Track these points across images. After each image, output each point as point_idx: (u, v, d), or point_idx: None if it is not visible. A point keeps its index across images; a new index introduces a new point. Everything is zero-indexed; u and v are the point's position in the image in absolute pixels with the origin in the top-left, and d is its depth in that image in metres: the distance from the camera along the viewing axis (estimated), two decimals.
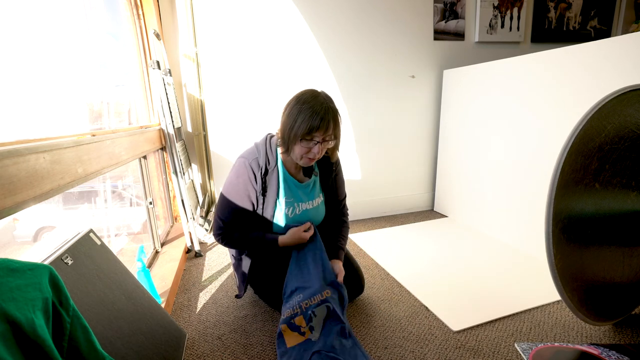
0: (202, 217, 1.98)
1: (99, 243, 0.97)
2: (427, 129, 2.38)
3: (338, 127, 1.10)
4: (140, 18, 1.76)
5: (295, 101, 1.08)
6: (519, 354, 1.04)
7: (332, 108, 1.07)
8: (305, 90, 1.11)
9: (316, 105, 1.04)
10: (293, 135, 1.06)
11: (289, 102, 1.10)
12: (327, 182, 1.30)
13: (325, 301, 1.13)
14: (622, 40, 1.27)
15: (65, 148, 0.86)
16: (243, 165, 1.16)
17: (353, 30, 2.08)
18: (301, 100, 1.06)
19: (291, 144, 1.08)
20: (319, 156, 1.11)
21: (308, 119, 1.03)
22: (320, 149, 1.09)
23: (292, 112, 1.06)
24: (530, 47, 2.49)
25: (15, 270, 0.51)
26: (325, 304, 1.12)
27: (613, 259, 1.03)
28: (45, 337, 0.48)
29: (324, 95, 1.09)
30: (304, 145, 1.07)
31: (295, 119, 1.05)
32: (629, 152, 0.97)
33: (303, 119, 1.03)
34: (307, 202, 1.25)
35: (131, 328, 0.89)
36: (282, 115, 1.11)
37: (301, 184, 1.23)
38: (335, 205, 1.36)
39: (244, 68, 1.95)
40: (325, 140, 1.08)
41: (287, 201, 1.21)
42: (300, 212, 1.24)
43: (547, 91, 1.56)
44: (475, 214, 2.08)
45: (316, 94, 1.08)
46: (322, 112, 1.04)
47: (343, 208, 1.39)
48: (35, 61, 1.09)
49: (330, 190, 1.32)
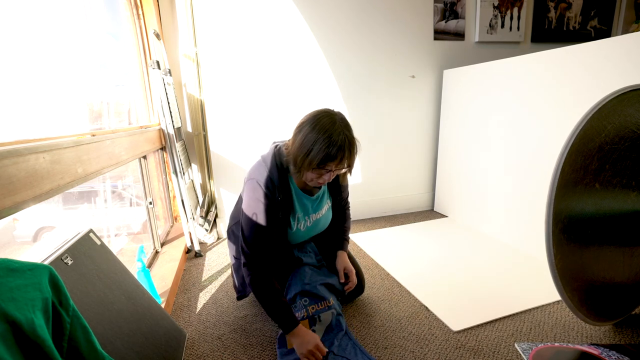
0: (202, 217, 1.98)
1: (99, 243, 0.97)
2: (427, 129, 2.38)
3: (354, 157, 1.05)
4: (140, 18, 1.76)
5: (310, 127, 1.00)
6: (519, 354, 1.04)
7: (349, 138, 1.01)
8: (321, 112, 1.03)
9: (334, 135, 0.97)
10: (307, 162, 1.00)
11: (304, 124, 1.02)
12: (335, 186, 1.28)
13: (332, 308, 1.14)
14: (622, 40, 1.27)
15: (65, 148, 0.86)
16: (256, 186, 1.10)
17: (353, 30, 2.08)
18: (317, 127, 0.99)
19: (304, 169, 1.03)
20: (329, 181, 1.08)
21: (324, 149, 0.97)
22: (332, 176, 1.06)
23: (308, 139, 0.98)
24: (530, 47, 2.49)
25: (15, 270, 0.51)
26: (331, 311, 1.13)
27: (613, 259, 1.03)
28: (45, 337, 0.48)
29: (340, 122, 1.01)
30: (316, 172, 1.03)
31: (310, 147, 0.98)
32: (629, 152, 0.97)
33: (319, 149, 0.97)
34: (317, 212, 1.24)
35: (131, 328, 0.89)
36: (294, 136, 1.04)
37: (311, 197, 1.20)
38: (339, 202, 1.36)
39: (244, 68, 1.95)
40: (338, 169, 1.05)
41: (300, 215, 1.19)
42: (312, 223, 1.23)
43: (547, 91, 1.56)
44: (475, 214, 2.08)
45: (334, 120, 1.00)
46: (339, 143, 0.98)
47: (345, 202, 1.39)
48: (35, 61, 1.09)
49: (336, 194, 1.31)
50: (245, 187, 1.12)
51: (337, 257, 1.29)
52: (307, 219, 1.21)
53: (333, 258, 1.31)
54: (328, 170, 1.02)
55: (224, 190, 2.08)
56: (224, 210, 2.10)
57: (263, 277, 1.08)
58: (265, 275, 1.08)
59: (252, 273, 1.08)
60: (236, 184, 2.08)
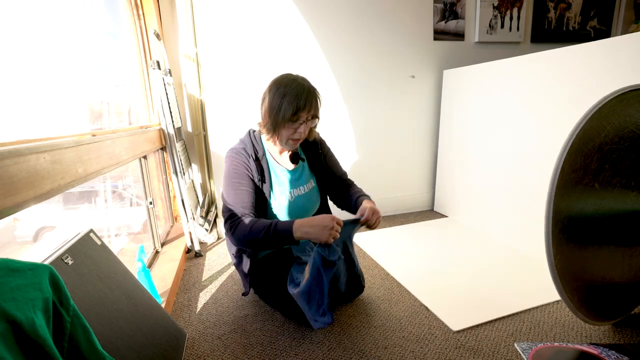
0: (202, 217, 1.98)
1: (99, 243, 0.97)
2: (427, 129, 2.38)
3: (319, 104, 1.16)
4: (140, 18, 1.76)
5: (275, 87, 1.12)
6: (519, 354, 1.04)
7: (312, 87, 1.13)
8: (281, 75, 1.16)
9: (298, 87, 1.10)
10: (280, 118, 1.10)
11: (269, 89, 1.14)
12: (317, 164, 1.32)
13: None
14: (622, 40, 1.27)
15: (66, 148, 0.86)
16: (234, 153, 1.20)
17: (353, 30, 2.08)
18: (282, 85, 1.11)
19: (278, 127, 1.13)
20: (304, 136, 1.17)
21: (294, 101, 1.08)
22: (305, 129, 1.14)
23: (276, 98, 1.10)
24: (530, 47, 2.49)
25: (15, 270, 0.51)
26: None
27: (613, 259, 1.03)
28: (46, 336, 0.49)
29: (299, 77, 1.14)
30: (290, 126, 1.12)
31: (280, 104, 1.09)
32: (628, 152, 0.97)
33: (289, 101, 1.08)
34: (298, 187, 1.26)
35: (131, 328, 0.89)
36: (263, 103, 1.16)
37: (290, 171, 1.25)
38: (336, 181, 1.38)
39: (244, 68, 1.95)
40: (309, 120, 1.14)
41: (280, 189, 1.22)
42: (294, 199, 1.25)
43: (547, 91, 1.56)
44: (475, 214, 2.08)
45: (294, 77, 1.13)
46: (305, 93, 1.10)
47: (347, 180, 1.41)
48: (35, 61, 1.10)
49: (323, 172, 1.33)
50: (225, 159, 1.21)
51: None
52: (288, 194, 1.23)
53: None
54: (301, 122, 1.12)
55: None
56: None
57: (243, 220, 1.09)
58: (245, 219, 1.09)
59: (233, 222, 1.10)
60: None
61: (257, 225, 1.06)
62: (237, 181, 1.16)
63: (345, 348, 1.10)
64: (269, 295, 1.29)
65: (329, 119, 2.14)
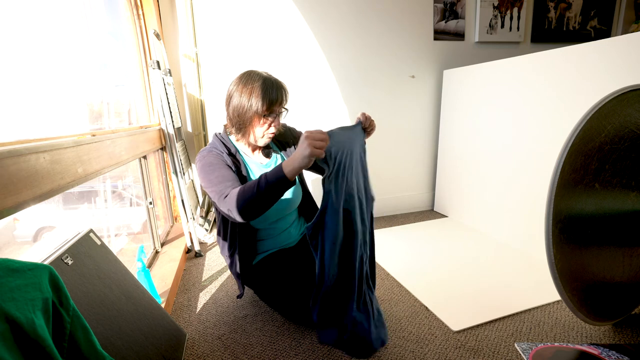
0: (202, 217, 1.98)
1: (99, 243, 0.97)
2: (427, 129, 2.38)
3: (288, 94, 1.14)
4: (140, 18, 1.76)
5: (242, 84, 1.08)
6: (519, 354, 1.04)
7: (277, 79, 1.11)
8: (244, 73, 1.12)
9: (266, 81, 1.07)
10: (252, 114, 1.07)
11: (235, 88, 1.10)
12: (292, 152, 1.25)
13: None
14: (622, 40, 1.27)
15: (65, 148, 0.86)
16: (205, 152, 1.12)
17: (353, 30, 2.08)
18: (248, 82, 1.07)
19: (249, 125, 1.09)
20: (278, 129, 1.13)
21: (266, 95, 1.05)
22: (279, 121, 1.12)
23: (244, 96, 1.07)
24: (530, 47, 2.49)
25: (15, 270, 0.51)
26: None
27: (613, 259, 1.03)
28: (46, 337, 0.48)
29: (261, 71, 1.11)
30: (265, 122, 1.09)
31: (249, 100, 1.06)
32: (628, 152, 0.97)
33: (260, 96, 1.05)
34: None
35: (131, 328, 0.89)
36: (230, 103, 1.11)
37: (265, 165, 1.22)
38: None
39: (244, 68, 1.93)
40: (281, 112, 1.12)
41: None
42: None
43: (547, 91, 1.56)
44: (475, 214, 2.08)
45: (256, 72, 1.10)
46: (274, 85, 1.08)
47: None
48: (35, 61, 1.09)
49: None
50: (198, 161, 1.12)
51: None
52: None
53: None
54: (274, 115, 1.10)
55: None
56: None
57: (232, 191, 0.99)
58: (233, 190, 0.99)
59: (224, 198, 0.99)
60: None
61: (248, 186, 0.96)
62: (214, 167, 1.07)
63: None
64: (268, 296, 1.29)
65: (329, 119, 2.14)
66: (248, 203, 0.95)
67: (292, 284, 1.18)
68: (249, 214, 0.97)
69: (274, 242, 1.30)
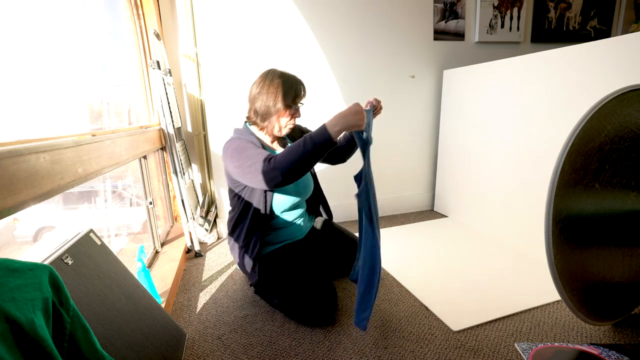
0: (202, 217, 1.98)
1: (99, 243, 0.97)
2: (427, 129, 2.38)
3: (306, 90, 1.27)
4: (140, 18, 1.76)
5: (269, 80, 1.21)
6: (519, 354, 1.04)
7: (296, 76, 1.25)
8: (268, 70, 1.25)
9: (289, 77, 1.22)
10: (280, 106, 1.19)
11: (261, 84, 1.22)
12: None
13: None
14: (622, 40, 1.27)
15: (65, 148, 0.86)
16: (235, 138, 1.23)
17: (353, 30, 2.08)
18: (275, 77, 1.21)
19: (276, 116, 1.21)
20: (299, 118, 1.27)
21: (291, 89, 1.20)
22: (299, 113, 1.25)
23: (271, 89, 1.20)
24: (530, 47, 2.49)
25: (15, 270, 0.51)
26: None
27: (613, 259, 1.03)
28: (46, 337, 0.49)
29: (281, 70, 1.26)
30: (289, 113, 1.22)
31: (276, 93, 1.19)
32: (628, 152, 0.97)
33: (286, 90, 1.19)
34: None
35: (131, 328, 0.89)
36: (258, 96, 1.22)
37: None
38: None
39: (244, 68, 1.95)
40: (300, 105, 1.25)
41: None
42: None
43: (547, 91, 1.56)
44: (475, 214, 2.08)
45: (279, 70, 1.24)
46: (296, 81, 1.23)
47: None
48: (35, 61, 1.09)
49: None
50: (228, 147, 1.21)
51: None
52: None
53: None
54: (296, 107, 1.24)
55: (224, 190, 2.08)
56: (224, 210, 2.11)
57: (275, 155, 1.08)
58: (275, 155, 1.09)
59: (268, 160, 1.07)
60: None
61: (292, 148, 1.04)
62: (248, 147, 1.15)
63: (345, 348, 1.10)
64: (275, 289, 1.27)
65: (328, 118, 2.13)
66: (294, 161, 1.03)
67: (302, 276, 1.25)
68: (293, 174, 1.06)
69: (286, 233, 1.36)
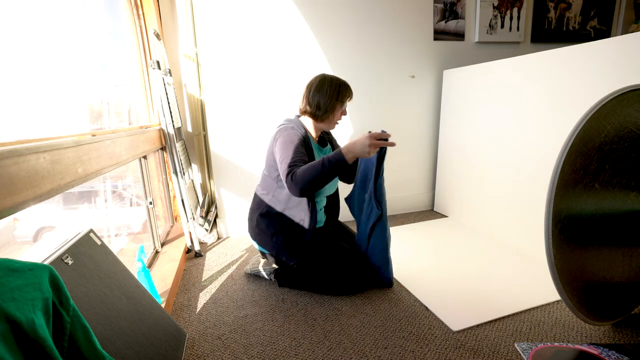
0: (202, 217, 1.98)
1: (99, 243, 0.97)
2: (427, 129, 2.38)
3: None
4: (140, 18, 1.76)
5: (328, 81, 1.38)
6: (519, 354, 1.04)
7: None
8: (323, 74, 1.42)
9: (340, 79, 1.41)
10: (336, 102, 1.38)
11: (322, 83, 1.38)
12: (332, 147, 1.58)
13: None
14: (622, 40, 1.27)
15: (66, 148, 0.86)
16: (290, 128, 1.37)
17: (353, 30, 2.08)
18: (333, 80, 1.39)
19: (332, 111, 1.38)
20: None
21: (346, 88, 1.40)
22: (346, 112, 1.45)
23: (331, 88, 1.37)
24: (530, 47, 2.49)
25: (15, 270, 0.51)
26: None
27: (613, 259, 1.03)
28: (46, 337, 0.49)
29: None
30: (340, 110, 1.41)
31: (335, 91, 1.37)
32: (628, 152, 0.97)
33: (343, 89, 1.39)
34: None
35: (131, 328, 0.89)
36: (318, 92, 1.37)
37: (322, 150, 1.50)
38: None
39: (244, 68, 1.95)
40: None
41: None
42: None
43: (547, 91, 1.56)
44: (475, 214, 2.08)
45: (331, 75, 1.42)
46: (347, 83, 1.42)
47: None
48: (35, 61, 1.09)
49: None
50: (279, 133, 1.37)
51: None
52: None
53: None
54: (346, 106, 1.44)
55: (224, 190, 2.08)
56: (224, 210, 2.11)
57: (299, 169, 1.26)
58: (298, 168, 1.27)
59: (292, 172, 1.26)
60: (236, 183, 2.08)
61: (313, 166, 1.25)
62: (294, 145, 1.32)
63: (345, 348, 1.10)
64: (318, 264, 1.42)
65: None
66: (313, 179, 1.23)
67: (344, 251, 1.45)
68: (309, 189, 1.25)
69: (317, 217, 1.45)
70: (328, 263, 1.42)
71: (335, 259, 1.42)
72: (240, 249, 1.93)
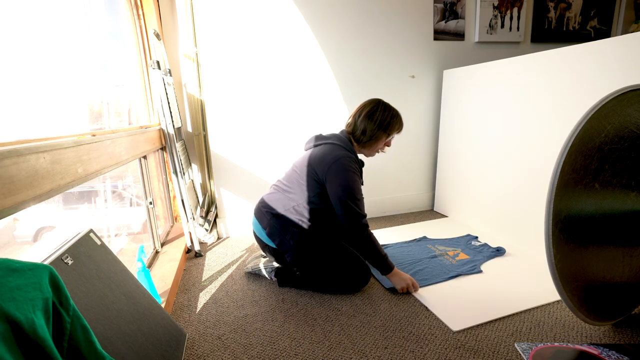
0: (202, 217, 1.98)
1: (99, 243, 0.97)
2: (427, 129, 2.38)
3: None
4: (140, 18, 1.76)
5: (384, 108, 1.40)
6: (519, 354, 1.04)
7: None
8: (377, 100, 1.43)
9: (394, 110, 1.42)
10: (383, 133, 1.40)
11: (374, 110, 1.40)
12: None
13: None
14: (622, 40, 1.27)
15: (65, 148, 0.86)
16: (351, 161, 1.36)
17: (353, 30, 2.08)
18: (389, 108, 1.41)
19: (377, 140, 1.41)
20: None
21: (399, 120, 1.43)
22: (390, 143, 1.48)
23: (385, 116, 1.39)
24: (530, 47, 2.49)
25: (15, 270, 0.51)
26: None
27: (613, 259, 1.03)
28: (46, 337, 0.49)
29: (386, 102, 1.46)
30: (385, 139, 1.43)
31: (389, 121, 1.40)
32: (628, 152, 0.97)
33: (394, 121, 1.41)
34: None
35: (131, 328, 0.89)
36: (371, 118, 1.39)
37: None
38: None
39: (244, 68, 1.95)
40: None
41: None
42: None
43: (547, 91, 1.56)
44: (475, 213, 2.08)
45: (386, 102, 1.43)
46: (399, 115, 1.43)
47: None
48: (35, 61, 1.09)
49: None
50: (335, 167, 1.33)
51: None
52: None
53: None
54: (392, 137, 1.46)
55: (224, 190, 2.08)
56: (224, 210, 2.11)
57: (372, 234, 1.36)
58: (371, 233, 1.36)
59: (366, 226, 1.34)
60: (236, 183, 2.08)
61: (379, 246, 1.37)
62: (357, 179, 1.35)
63: (345, 348, 1.10)
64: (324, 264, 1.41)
65: (329, 119, 2.14)
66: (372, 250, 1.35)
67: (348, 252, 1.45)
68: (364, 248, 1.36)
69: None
70: (329, 263, 1.41)
71: (336, 259, 1.42)
72: (240, 249, 1.93)
